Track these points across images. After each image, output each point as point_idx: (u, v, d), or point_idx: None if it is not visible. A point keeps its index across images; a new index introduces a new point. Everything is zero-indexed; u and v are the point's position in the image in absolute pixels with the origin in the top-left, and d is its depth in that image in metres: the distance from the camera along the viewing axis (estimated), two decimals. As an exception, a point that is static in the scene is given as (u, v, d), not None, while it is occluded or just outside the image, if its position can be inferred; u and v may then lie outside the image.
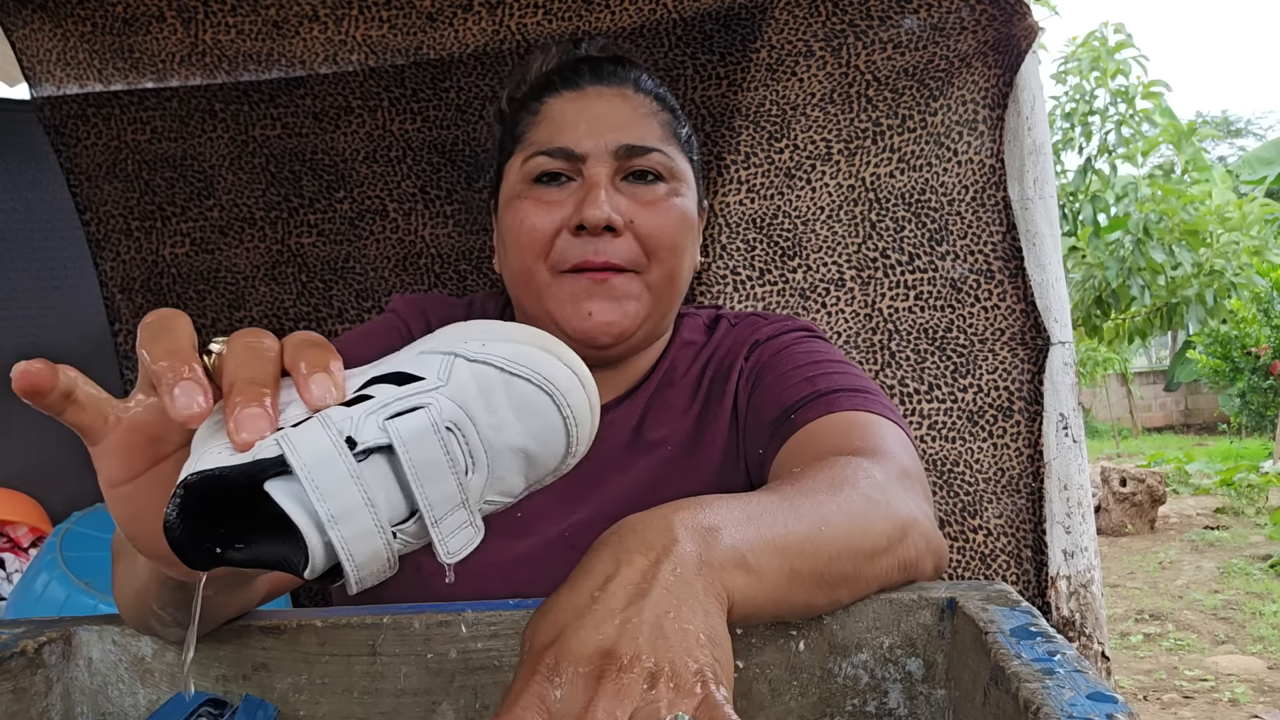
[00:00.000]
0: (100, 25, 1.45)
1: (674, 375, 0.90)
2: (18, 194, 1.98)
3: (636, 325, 0.82)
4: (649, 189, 0.82)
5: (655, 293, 0.82)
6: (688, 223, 0.83)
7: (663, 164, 0.82)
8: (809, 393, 0.78)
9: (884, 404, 0.78)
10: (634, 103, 0.84)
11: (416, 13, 1.44)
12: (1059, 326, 1.30)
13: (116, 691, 0.64)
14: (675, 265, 0.83)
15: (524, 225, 0.81)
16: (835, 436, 0.73)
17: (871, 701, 0.58)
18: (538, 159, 0.82)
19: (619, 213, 0.79)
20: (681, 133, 0.87)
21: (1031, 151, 1.31)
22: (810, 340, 0.88)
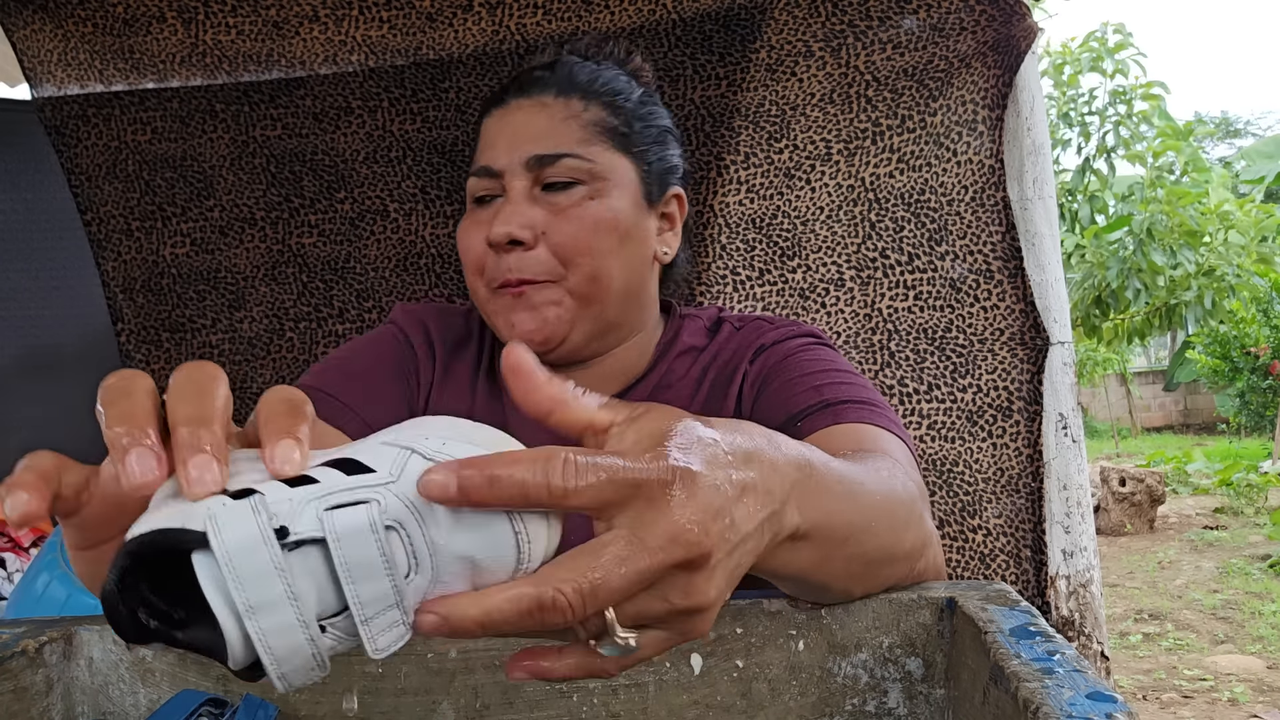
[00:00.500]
0: (101, 26, 1.45)
1: (671, 378, 0.90)
2: (18, 194, 1.98)
3: (563, 330, 0.83)
4: (565, 195, 0.82)
5: (579, 298, 0.83)
6: (608, 223, 0.83)
7: (576, 168, 0.82)
8: (816, 401, 0.78)
9: (890, 418, 0.78)
10: (552, 109, 0.84)
11: (416, 13, 1.44)
12: (1058, 326, 1.30)
13: (117, 691, 0.64)
14: (594, 268, 0.82)
15: (461, 245, 0.86)
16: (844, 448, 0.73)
17: (871, 701, 0.58)
18: (470, 181, 0.86)
19: (528, 225, 0.81)
20: (617, 125, 0.86)
21: (1031, 152, 1.31)
22: (817, 348, 0.88)
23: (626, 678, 0.59)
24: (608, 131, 0.85)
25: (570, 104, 0.85)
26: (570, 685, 0.59)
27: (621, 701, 0.59)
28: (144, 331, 1.57)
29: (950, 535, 1.35)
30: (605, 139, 0.85)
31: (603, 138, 0.85)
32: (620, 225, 0.84)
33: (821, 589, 0.55)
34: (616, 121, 0.86)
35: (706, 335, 0.93)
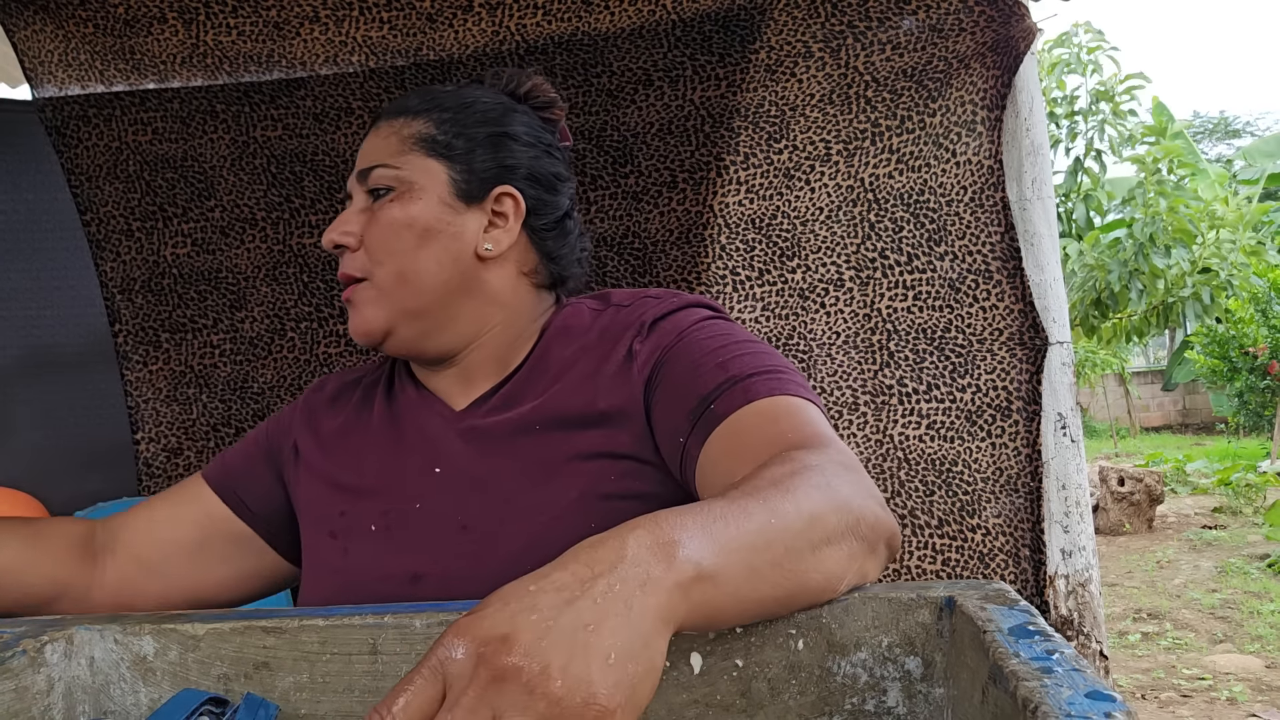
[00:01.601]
0: (102, 26, 1.45)
1: (547, 361, 0.92)
2: (19, 194, 1.98)
3: (380, 325, 0.89)
4: (379, 203, 0.90)
5: (389, 294, 0.89)
6: (405, 224, 0.89)
7: (385, 177, 0.90)
8: (724, 379, 0.80)
9: (798, 382, 0.80)
10: (384, 131, 0.93)
11: (417, 14, 1.44)
12: (1057, 326, 1.30)
13: (118, 690, 0.64)
14: (398, 266, 0.89)
15: None
16: (764, 428, 0.75)
17: (870, 700, 0.58)
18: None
19: (348, 231, 0.90)
20: (435, 134, 0.92)
21: (1030, 152, 1.31)
22: (712, 321, 0.89)
23: (627, 677, 0.59)
24: (422, 141, 0.91)
25: (396, 123, 0.93)
26: (571, 684, 0.59)
27: (622, 701, 0.59)
28: (143, 332, 1.57)
29: (949, 535, 1.35)
30: (419, 148, 0.91)
31: (417, 147, 0.91)
32: (417, 224, 0.89)
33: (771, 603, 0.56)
34: (435, 132, 0.92)
35: (590, 316, 0.95)
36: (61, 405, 1.99)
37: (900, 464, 1.38)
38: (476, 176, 0.92)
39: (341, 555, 0.89)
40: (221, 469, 0.98)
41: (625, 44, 1.44)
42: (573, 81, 1.48)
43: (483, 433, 0.89)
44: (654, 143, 1.48)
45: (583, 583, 0.45)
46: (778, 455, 0.67)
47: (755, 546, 0.53)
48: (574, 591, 0.45)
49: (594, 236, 1.52)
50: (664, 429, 0.84)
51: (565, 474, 0.85)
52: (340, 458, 0.95)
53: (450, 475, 0.88)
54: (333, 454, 0.95)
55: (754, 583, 0.53)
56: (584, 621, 0.43)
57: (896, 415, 1.38)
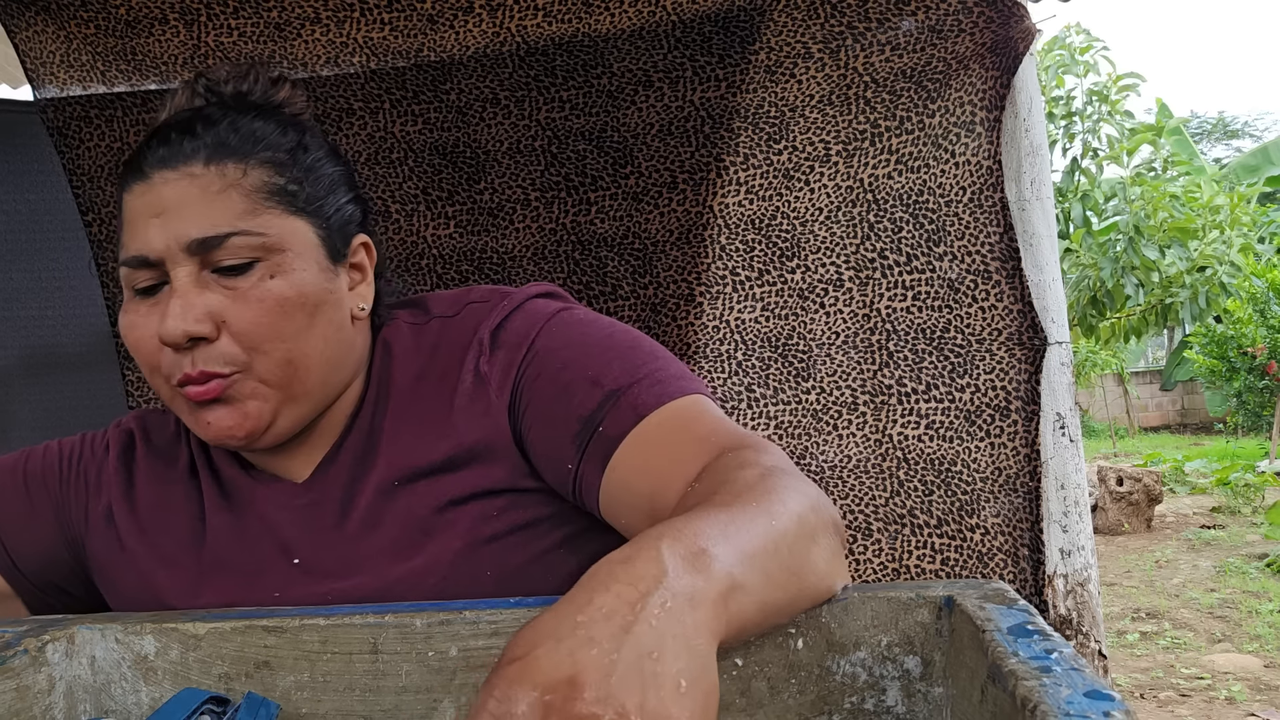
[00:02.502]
0: (103, 27, 1.45)
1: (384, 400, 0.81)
2: (20, 195, 1.98)
3: (264, 422, 0.75)
4: (240, 279, 0.73)
5: (275, 384, 0.75)
6: (294, 301, 0.74)
7: (247, 245, 0.72)
8: (602, 397, 0.72)
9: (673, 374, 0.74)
10: (204, 181, 0.73)
11: (417, 15, 1.44)
12: (1056, 327, 1.31)
13: (119, 689, 0.64)
14: (285, 352, 0.74)
15: (130, 341, 0.76)
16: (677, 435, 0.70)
17: (869, 699, 0.58)
18: (124, 271, 0.76)
19: (205, 317, 0.72)
20: (284, 184, 0.76)
21: (1029, 153, 1.31)
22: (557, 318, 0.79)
23: (627, 676, 0.59)
24: (275, 194, 0.75)
25: (225, 171, 0.74)
26: (571, 684, 0.59)
27: (622, 700, 0.59)
28: (144, 332, 1.58)
29: (948, 534, 1.35)
30: (274, 204, 0.75)
31: (272, 203, 0.74)
32: (309, 299, 0.75)
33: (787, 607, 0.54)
34: (283, 180, 0.76)
35: (410, 332, 0.84)
36: (63, 405, 1.99)
37: (899, 464, 1.39)
38: (335, 230, 0.79)
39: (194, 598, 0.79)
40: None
41: (625, 45, 1.45)
42: (573, 82, 1.48)
43: (336, 506, 0.79)
44: (654, 143, 1.49)
45: (632, 605, 0.41)
46: (722, 459, 0.64)
47: (767, 551, 0.52)
48: (626, 616, 0.41)
49: (594, 237, 1.52)
50: (545, 456, 0.76)
51: (441, 527, 0.76)
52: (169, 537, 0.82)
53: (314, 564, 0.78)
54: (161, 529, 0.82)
55: (771, 589, 0.51)
56: (647, 650, 0.40)
57: (895, 415, 1.39)
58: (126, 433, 0.88)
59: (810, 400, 1.44)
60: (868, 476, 1.41)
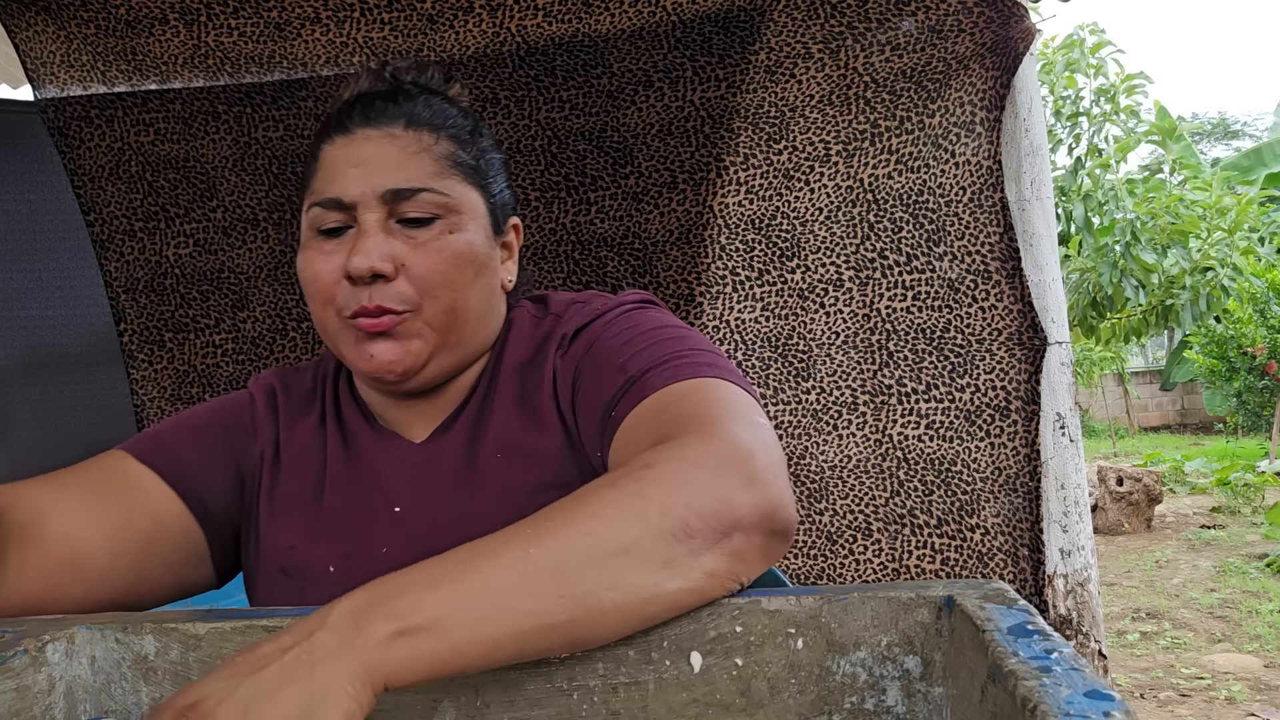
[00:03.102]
0: (103, 27, 1.45)
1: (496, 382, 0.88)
2: (21, 195, 1.98)
3: (421, 361, 0.83)
4: (422, 231, 0.82)
5: (437, 328, 0.83)
6: (466, 256, 0.83)
7: (434, 202, 0.82)
8: (621, 383, 0.76)
9: (699, 361, 0.76)
10: (402, 141, 0.83)
11: (417, 15, 1.44)
12: (1056, 327, 1.31)
13: (120, 690, 0.64)
14: (452, 300, 0.83)
15: (308, 275, 0.83)
16: (646, 424, 0.71)
17: (870, 699, 0.58)
18: (315, 211, 0.83)
19: (388, 258, 0.80)
20: (466, 159, 0.86)
21: (1028, 153, 1.31)
22: (624, 316, 0.85)
23: (626, 676, 0.59)
24: (459, 166, 0.85)
25: (421, 136, 0.84)
26: (570, 683, 0.59)
27: (621, 699, 0.59)
28: (147, 331, 1.58)
29: (948, 534, 1.35)
30: (458, 173, 0.84)
31: (455, 171, 0.84)
32: (476, 258, 0.84)
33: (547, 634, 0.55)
34: (466, 155, 0.86)
35: (530, 335, 0.91)
36: (64, 405, 1.99)
37: (899, 464, 1.38)
38: (498, 207, 0.89)
39: (299, 597, 0.83)
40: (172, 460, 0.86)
41: (625, 45, 1.45)
42: (573, 82, 1.48)
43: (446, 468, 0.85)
44: (654, 143, 1.49)
45: (282, 651, 0.48)
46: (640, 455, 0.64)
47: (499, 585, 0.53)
48: (268, 660, 0.48)
49: (594, 237, 1.52)
50: (589, 448, 0.81)
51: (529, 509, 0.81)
52: (297, 483, 0.88)
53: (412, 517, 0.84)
54: (292, 476, 0.88)
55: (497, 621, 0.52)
56: (265, 688, 0.47)
57: (896, 415, 1.39)
58: (268, 387, 0.95)
59: (810, 400, 1.44)
60: (868, 476, 1.41)
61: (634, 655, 0.58)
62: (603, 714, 0.59)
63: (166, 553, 0.82)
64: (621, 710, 0.59)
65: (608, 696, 0.59)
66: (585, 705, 0.59)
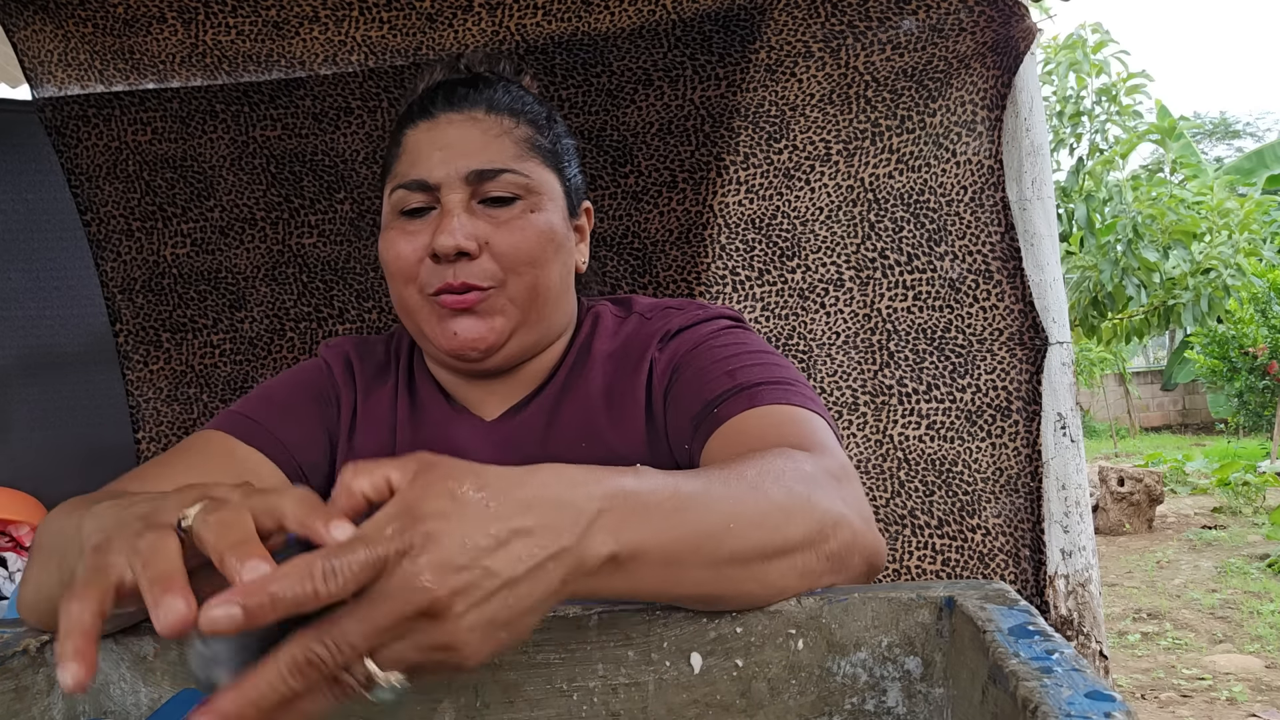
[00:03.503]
0: (101, 26, 1.45)
1: (575, 379, 0.91)
2: (19, 195, 1.98)
3: (504, 338, 0.85)
4: (504, 210, 0.84)
5: (519, 305, 0.85)
6: (547, 235, 0.86)
7: (515, 183, 0.85)
8: (730, 386, 0.79)
9: (808, 396, 0.79)
10: (484, 125, 0.86)
11: (416, 14, 1.44)
12: (1057, 327, 1.30)
13: (119, 690, 0.64)
14: (535, 278, 0.85)
15: (391, 254, 0.86)
16: (764, 431, 0.73)
17: (870, 700, 0.58)
18: (399, 193, 0.86)
19: (473, 237, 0.82)
20: (544, 143, 0.89)
21: (1029, 152, 1.31)
22: (730, 331, 0.88)
23: (626, 676, 0.59)
24: (537, 149, 0.88)
25: (502, 121, 0.87)
26: (570, 684, 0.59)
27: (621, 700, 0.59)
28: (143, 331, 1.57)
29: (949, 535, 1.35)
30: (536, 156, 0.87)
31: (534, 154, 0.87)
32: (556, 237, 0.87)
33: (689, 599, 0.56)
34: (544, 140, 0.89)
35: (614, 323, 0.94)
36: (62, 405, 1.99)
37: (900, 464, 1.38)
38: (574, 190, 0.92)
39: None
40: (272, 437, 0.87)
41: (625, 44, 1.44)
42: (572, 81, 1.48)
43: (520, 446, 0.88)
44: (654, 143, 1.48)
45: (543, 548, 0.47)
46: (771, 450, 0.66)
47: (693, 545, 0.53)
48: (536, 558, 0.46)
49: (593, 236, 1.52)
50: (674, 440, 0.84)
51: None
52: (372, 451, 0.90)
53: None
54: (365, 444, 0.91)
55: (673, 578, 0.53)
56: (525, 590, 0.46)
57: (896, 415, 1.39)
58: (343, 354, 0.97)
59: (811, 400, 1.43)
60: (868, 477, 1.41)
61: (634, 656, 0.58)
62: (603, 715, 0.59)
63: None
64: (621, 711, 0.59)
65: (607, 697, 0.59)
66: (585, 706, 0.59)
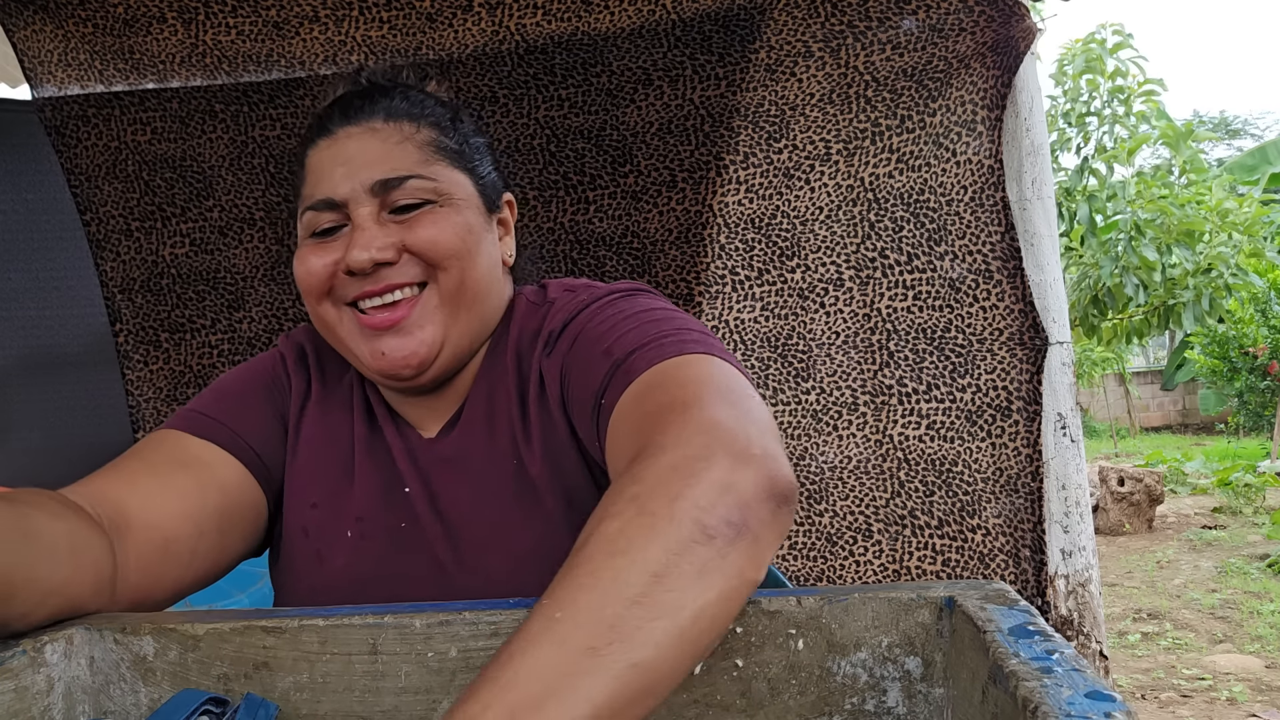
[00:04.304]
0: (101, 26, 1.45)
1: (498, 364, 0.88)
2: (18, 194, 1.98)
3: (435, 350, 0.83)
4: (416, 215, 0.82)
5: (448, 302, 0.83)
6: (464, 229, 0.84)
7: (423, 188, 0.83)
8: (608, 367, 0.75)
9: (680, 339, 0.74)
10: (383, 134, 0.84)
11: (416, 14, 1.44)
12: (1057, 327, 1.30)
13: (118, 690, 0.64)
14: (461, 270, 0.83)
15: (302, 270, 0.84)
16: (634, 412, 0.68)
17: (870, 700, 0.58)
18: (308, 215, 0.84)
19: (387, 245, 0.81)
20: (449, 144, 0.87)
21: (1030, 152, 1.31)
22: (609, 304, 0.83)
23: (626, 677, 0.59)
24: (442, 150, 0.86)
25: (402, 127, 0.85)
26: (570, 684, 0.59)
27: (621, 700, 0.59)
28: (143, 331, 1.57)
29: (949, 535, 1.35)
30: (442, 158, 0.85)
31: (440, 157, 0.85)
32: (475, 232, 0.85)
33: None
34: (449, 140, 0.87)
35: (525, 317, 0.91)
36: (61, 405, 1.99)
37: (900, 464, 1.38)
38: (489, 186, 0.90)
39: (315, 561, 0.84)
40: (224, 428, 0.85)
41: (625, 44, 1.44)
42: (572, 81, 1.48)
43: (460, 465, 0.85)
44: (653, 142, 1.48)
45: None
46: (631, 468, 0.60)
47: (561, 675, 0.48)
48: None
49: (593, 236, 1.52)
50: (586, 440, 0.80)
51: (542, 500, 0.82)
52: (324, 442, 0.89)
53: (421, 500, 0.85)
54: (320, 432, 0.89)
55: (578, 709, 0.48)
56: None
57: (896, 415, 1.38)
58: (297, 345, 0.95)
59: (810, 400, 1.43)
60: (868, 477, 1.40)
61: (633, 656, 0.58)
62: (602, 715, 0.59)
63: (239, 521, 0.83)
64: (621, 711, 0.59)
65: (607, 697, 0.59)
66: (584, 706, 0.59)
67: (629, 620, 0.50)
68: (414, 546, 0.84)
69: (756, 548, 0.56)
